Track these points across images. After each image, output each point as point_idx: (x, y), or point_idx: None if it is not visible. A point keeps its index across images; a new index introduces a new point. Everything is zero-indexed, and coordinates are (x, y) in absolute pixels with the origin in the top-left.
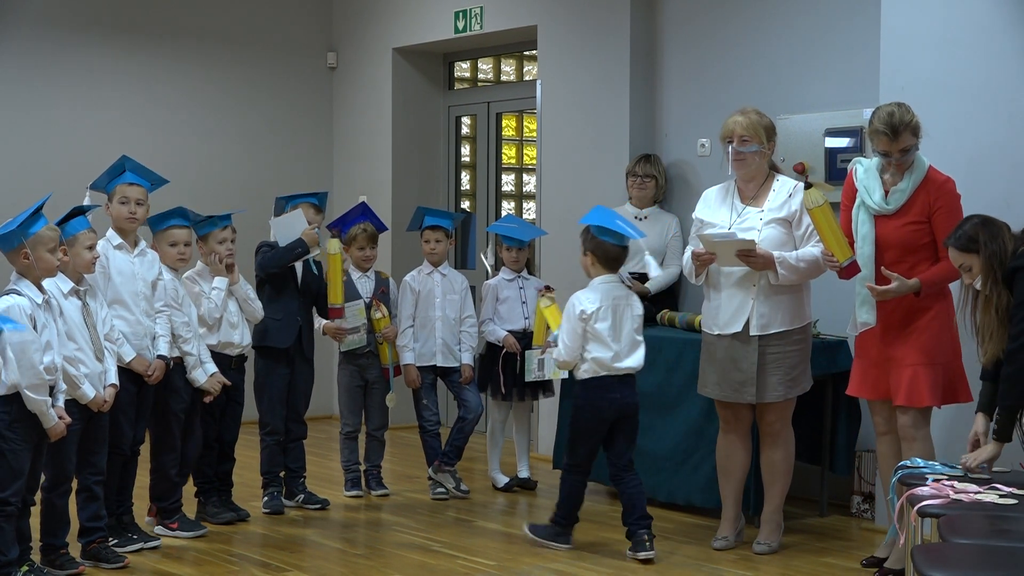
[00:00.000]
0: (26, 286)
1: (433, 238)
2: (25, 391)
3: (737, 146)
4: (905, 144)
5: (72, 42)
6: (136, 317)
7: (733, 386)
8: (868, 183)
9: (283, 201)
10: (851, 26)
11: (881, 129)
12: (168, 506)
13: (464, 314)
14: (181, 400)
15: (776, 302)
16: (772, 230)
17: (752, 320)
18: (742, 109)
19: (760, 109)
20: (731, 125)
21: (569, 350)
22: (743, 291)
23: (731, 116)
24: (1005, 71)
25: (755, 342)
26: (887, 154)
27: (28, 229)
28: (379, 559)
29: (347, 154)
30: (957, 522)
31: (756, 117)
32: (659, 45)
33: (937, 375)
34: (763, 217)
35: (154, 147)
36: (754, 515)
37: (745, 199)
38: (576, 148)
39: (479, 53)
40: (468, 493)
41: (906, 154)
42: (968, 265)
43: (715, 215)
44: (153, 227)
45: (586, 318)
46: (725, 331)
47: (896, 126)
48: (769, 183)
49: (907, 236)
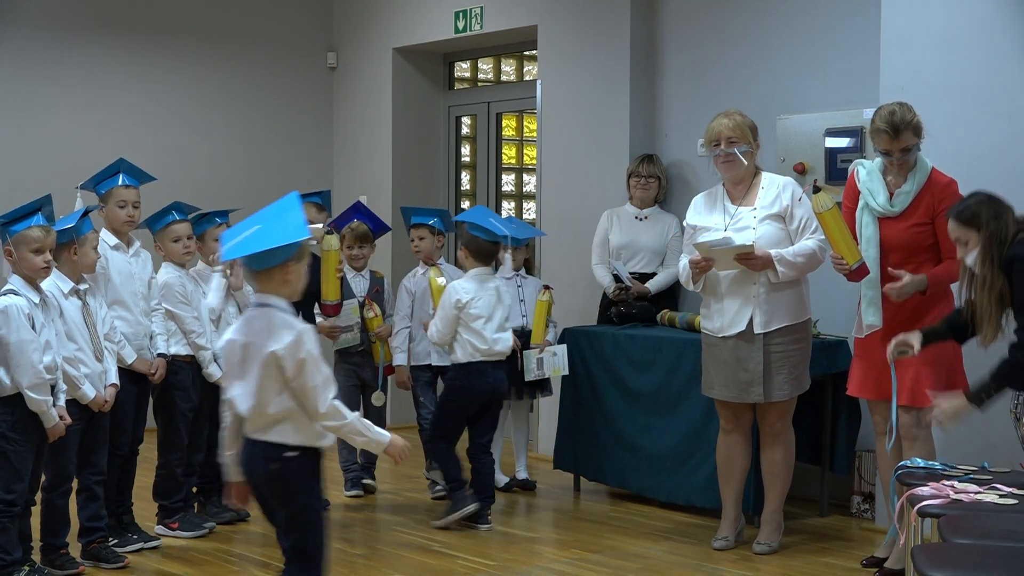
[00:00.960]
0: (22, 285)
1: (416, 236)
2: (26, 391)
3: (726, 148)
4: (906, 143)
5: (72, 42)
6: (135, 317)
7: (740, 386)
8: (871, 185)
9: None
10: (851, 26)
11: (883, 128)
12: (171, 505)
13: None
14: (188, 399)
15: (777, 298)
16: (767, 227)
17: (756, 318)
18: (725, 112)
19: (761, 109)
20: (717, 128)
21: (441, 334)
22: (743, 292)
23: (714, 120)
24: (1006, 71)
25: (760, 341)
26: (888, 153)
27: (12, 227)
28: (379, 559)
29: (347, 154)
30: (957, 522)
31: (740, 118)
32: (659, 45)
33: (940, 375)
34: (756, 215)
35: (154, 147)
36: (754, 515)
37: (735, 200)
38: (576, 148)
39: (479, 53)
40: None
41: (907, 154)
42: (965, 239)
43: (707, 220)
44: (152, 226)
45: (461, 306)
46: (729, 332)
47: (897, 125)
48: (757, 181)
49: (912, 238)
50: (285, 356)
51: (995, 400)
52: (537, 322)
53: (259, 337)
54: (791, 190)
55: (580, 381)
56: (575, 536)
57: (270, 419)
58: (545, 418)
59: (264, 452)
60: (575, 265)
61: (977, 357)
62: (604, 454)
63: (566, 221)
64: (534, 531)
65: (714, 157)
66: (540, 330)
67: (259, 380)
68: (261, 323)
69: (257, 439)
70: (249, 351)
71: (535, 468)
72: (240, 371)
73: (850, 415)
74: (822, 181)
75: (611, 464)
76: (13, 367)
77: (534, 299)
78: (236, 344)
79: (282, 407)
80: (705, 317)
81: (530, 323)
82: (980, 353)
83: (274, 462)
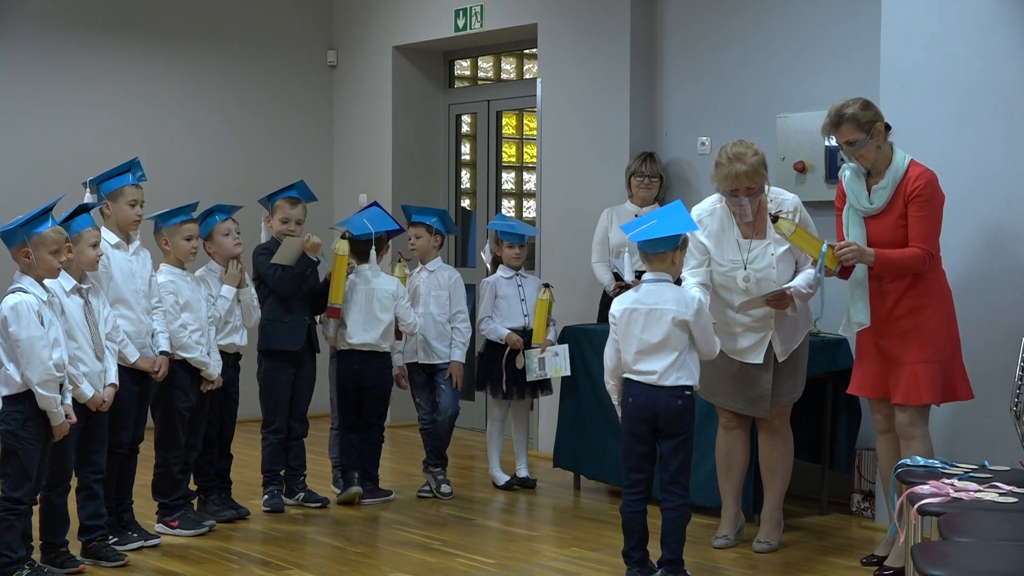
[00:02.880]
0: (31, 284)
1: (413, 235)
2: (36, 388)
3: (744, 196)
4: (849, 136)
5: (72, 41)
6: (137, 315)
7: (748, 401)
8: (853, 186)
9: (264, 201)
10: (851, 24)
11: (825, 120)
12: (170, 503)
13: (454, 310)
14: (187, 398)
15: (791, 323)
16: (784, 264)
17: (776, 347)
18: (736, 154)
19: (761, 107)
20: (736, 177)
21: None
22: (761, 324)
23: (729, 166)
24: (1006, 69)
25: (772, 362)
26: (841, 145)
27: (33, 229)
28: (379, 557)
29: (347, 152)
30: (957, 520)
31: (755, 159)
32: (659, 43)
33: (935, 373)
34: (771, 251)
35: (154, 145)
36: (754, 513)
37: (747, 234)
38: (576, 146)
39: (479, 51)
40: (450, 495)
41: (852, 147)
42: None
43: (720, 253)
44: (163, 223)
45: None
46: (744, 359)
47: (835, 117)
48: (764, 210)
49: (896, 234)
50: (692, 321)
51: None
52: (538, 321)
53: (666, 304)
54: (799, 216)
55: (580, 380)
56: (575, 534)
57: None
58: (545, 416)
59: (672, 392)
60: (575, 264)
61: (978, 357)
62: (604, 452)
63: (566, 219)
64: (534, 529)
65: (728, 200)
66: (541, 329)
67: (666, 336)
68: (669, 293)
69: (664, 384)
70: (654, 315)
71: (535, 466)
72: (643, 331)
73: (850, 413)
74: (822, 180)
75: (611, 462)
76: (24, 364)
77: (534, 298)
78: (640, 311)
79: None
80: (717, 331)
81: (531, 322)
82: (980, 353)
83: (679, 399)
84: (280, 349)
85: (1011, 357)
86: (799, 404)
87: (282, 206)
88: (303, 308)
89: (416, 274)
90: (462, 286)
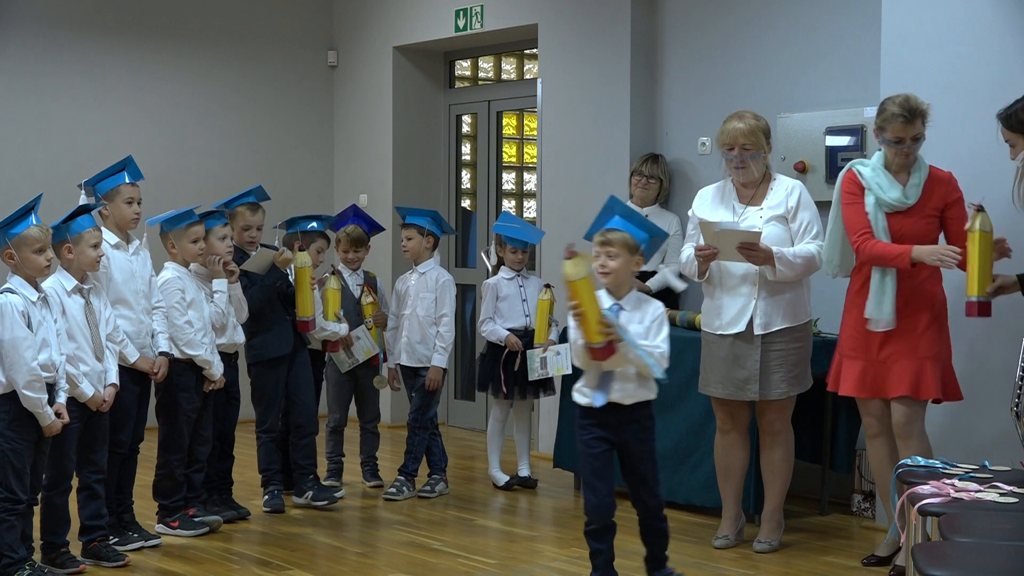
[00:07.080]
0: (20, 284)
1: (405, 236)
2: (21, 390)
3: (739, 154)
4: (918, 131)
5: (73, 40)
6: (137, 316)
7: (736, 384)
8: (879, 180)
9: (222, 207)
10: (852, 24)
11: (898, 112)
12: (171, 504)
13: (439, 313)
14: (192, 400)
15: (777, 300)
16: (773, 228)
17: (755, 319)
18: (739, 114)
19: (761, 107)
20: (732, 133)
21: None
22: (744, 292)
23: (728, 122)
24: (1006, 68)
25: (758, 340)
26: (900, 141)
27: (11, 230)
28: (379, 557)
29: (347, 152)
30: (958, 520)
31: (755, 122)
32: (660, 44)
33: (938, 371)
34: (763, 215)
35: (154, 145)
36: (755, 514)
37: (744, 199)
38: (577, 147)
39: (480, 51)
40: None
41: (916, 142)
42: (1013, 142)
43: (714, 215)
44: (170, 226)
45: None
46: (727, 331)
47: (913, 109)
48: (767, 183)
49: (923, 229)
50: None
51: (1019, 420)
52: (540, 322)
53: None
54: (798, 192)
55: None
56: (575, 534)
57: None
58: (546, 417)
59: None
60: None
61: (978, 357)
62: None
63: (567, 219)
64: (534, 529)
65: (726, 161)
66: (543, 330)
67: None
68: None
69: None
70: None
71: (535, 467)
72: None
73: (850, 413)
74: (822, 180)
75: None
76: (8, 365)
77: (536, 298)
78: None
79: None
80: (705, 314)
81: (532, 322)
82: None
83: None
84: (271, 357)
85: (1011, 357)
86: (799, 404)
87: (243, 213)
88: (284, 310)
89: (409, 275)
90: (451, 289)
